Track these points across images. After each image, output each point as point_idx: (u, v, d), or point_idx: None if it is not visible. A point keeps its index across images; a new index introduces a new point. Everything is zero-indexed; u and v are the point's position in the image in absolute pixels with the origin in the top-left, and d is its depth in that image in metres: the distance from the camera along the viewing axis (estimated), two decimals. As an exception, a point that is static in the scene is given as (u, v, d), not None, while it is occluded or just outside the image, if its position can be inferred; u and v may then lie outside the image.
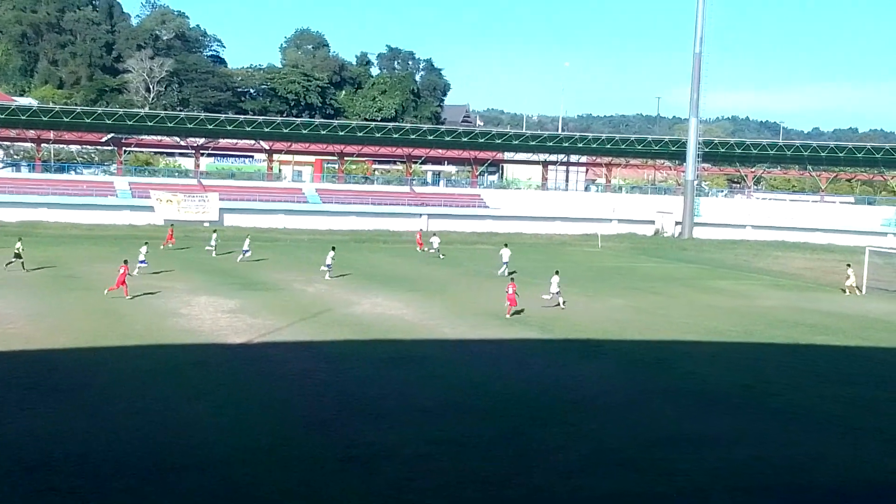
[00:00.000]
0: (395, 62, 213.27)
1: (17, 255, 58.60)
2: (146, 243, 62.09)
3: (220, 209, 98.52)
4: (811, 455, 25.88)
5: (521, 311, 47.97)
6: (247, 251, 66.76)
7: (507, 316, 46.90)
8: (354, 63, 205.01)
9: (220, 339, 39.16)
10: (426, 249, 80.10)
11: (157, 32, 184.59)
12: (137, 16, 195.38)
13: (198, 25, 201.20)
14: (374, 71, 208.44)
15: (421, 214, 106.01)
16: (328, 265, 60.76)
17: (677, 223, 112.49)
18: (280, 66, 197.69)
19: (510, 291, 47.86)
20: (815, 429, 28.56)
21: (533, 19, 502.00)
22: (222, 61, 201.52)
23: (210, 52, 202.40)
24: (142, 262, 57.57)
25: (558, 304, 50.45)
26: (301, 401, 29.56)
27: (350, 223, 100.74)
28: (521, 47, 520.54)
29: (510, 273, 52.45)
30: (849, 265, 64.59)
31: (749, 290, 63.58)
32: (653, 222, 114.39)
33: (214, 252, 70.15)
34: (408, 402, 29.80)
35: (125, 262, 50.72)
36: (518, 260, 73.26)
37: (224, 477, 22.56)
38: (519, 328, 44.27)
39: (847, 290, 62.46)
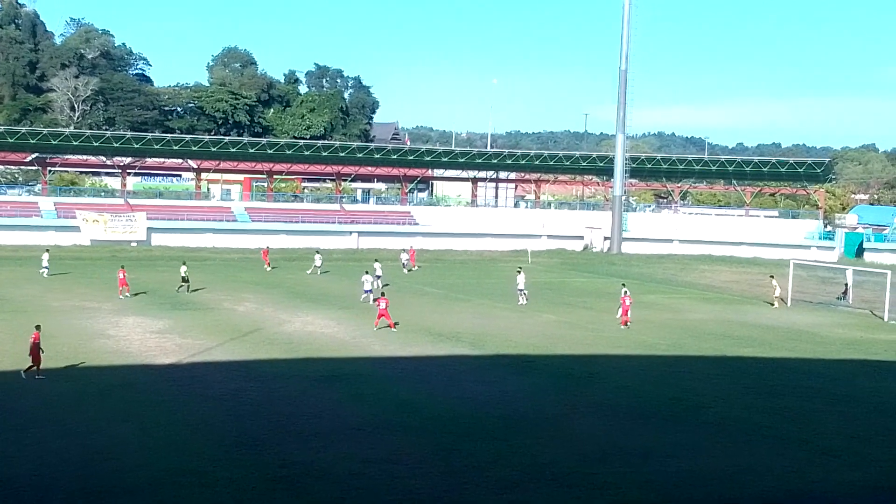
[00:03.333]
0: (324, 80, 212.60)
1: (185, 280, 60.44)
2: (367, 272, 61.89)
3: (148, 229, 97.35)
4: (741, 466, 26.20)
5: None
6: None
7: (622, 326, 50.74)
8: (282, 81, 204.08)
9: (149, 359, 38.73)
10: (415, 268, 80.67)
11: (82, 51, 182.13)
12: (61, 34, 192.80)
13: (123, 44, 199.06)
14: (303, 89, 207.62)
15: (351, 232, 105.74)
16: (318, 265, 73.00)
17: (606, 238, 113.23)
18: (207, 84, 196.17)
19: (627, 303, 51.87)
20: (744, 440, 28.92)
21: (460, 36, 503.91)
22: (148, 80, 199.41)
23: (136, 71, 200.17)
24: (367, 290, 58.55)
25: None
26: (231, 421, 29.31)
27: (280, 241, 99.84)
28: (450, 64, 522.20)
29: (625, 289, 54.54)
30: (772, 276, 65.54)
31: (677, 303, 64.26)
32: (582, 238, 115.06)
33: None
34: (339, 421, 29.69)
35: (382, 294, 50.44)
36: (448, 277, 73.47)
37: (153, 500, 22.30)
38: (450, 344, 44.32)
39: (775, 303, 63.21)
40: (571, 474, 24.99)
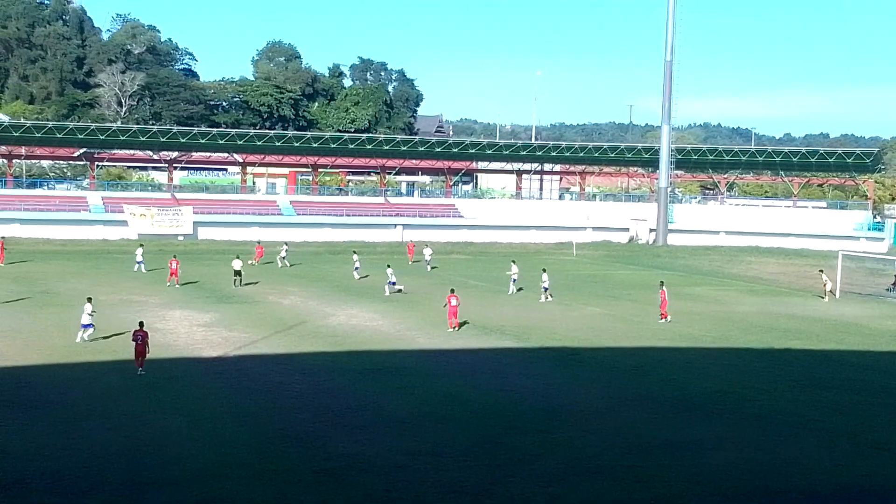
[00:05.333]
0: (368, 73, 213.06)
1: (238, 273, 61.05)
2: (389, 265, 61.63)
3: (195, 222, 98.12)
4: (787, 459, 25.97)
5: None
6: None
7: (664, 320, 49.87)
8: (327, 75, 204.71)
9: (195, 352, 39.02)
10: (418, 261, 79.47)
11: (129, 46, 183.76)
12: (108, 30, 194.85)
13: (169, 39, 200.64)
14: (347, 82, 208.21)
15: (396, 225, 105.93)
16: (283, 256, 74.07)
17: (651, 230, 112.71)
18: (252, 78, 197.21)
19: (664, 298, 50.82)
20: (790, 433, 28.67)
21: (504, 29, 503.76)
22: (194, 74, 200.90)
23: (182, 66, 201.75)
24: (392, 282, 59.14)
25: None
26: (277, 414, 29.46)
27: (325, 234, 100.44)
28: (494, 57, 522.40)
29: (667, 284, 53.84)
30: (821, 270, 64.77)
31: (724, 295, 63.81)
32: (627, 230, 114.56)
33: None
34: (384, 414, 29.76)
35: (452, 290, 48.04)
36: (493, 270, 73.27)
37: (199, 492, 22.45)
38: (495, 337, 44.30)
39: (826, 297, 62.34)
40: (616, 467, 24.89)
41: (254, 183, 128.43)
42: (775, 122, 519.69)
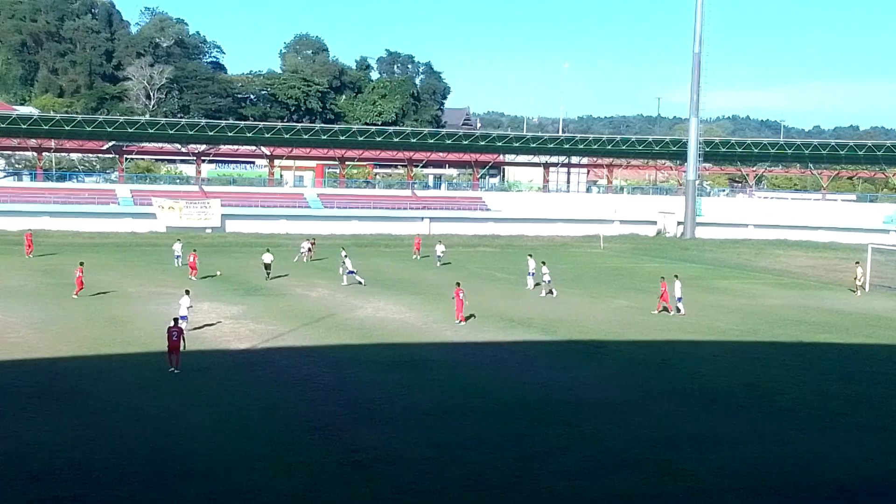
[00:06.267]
0: (395, 66, 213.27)
1: (268, 267, 61.09)
2: (343, 249, 61.89)
3: (223, 215, 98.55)
4: (816, 453, 25.83)
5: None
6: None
7: (657, 312, 49.97)
8: (354, 67, 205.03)
9: (223, 345, 39.15)
10: (419, 257, 79.09)
11: (157, 40, 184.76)
12: (136, 23, 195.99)
13: (197, 32, 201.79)
14: (374, 75, 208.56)
15: (423, 218, 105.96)
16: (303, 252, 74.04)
17: (679, 223, 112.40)
18: (280, 71, 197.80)
19: (664, 290, 50.36)
20: (819, 427, 28.50)
21: (532, 21, 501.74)
22: (222, 67, 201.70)
23: (210, 59, 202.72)
24: (351, 272, 59.56)
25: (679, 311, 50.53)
26: (304, 406, 29.53)
27: (352, 227, 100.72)
28: (521, 49, 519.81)
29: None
30: (857, 262, 64.21)
31: (752, 289, 63.49)
32: (655, 223, 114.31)
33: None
34: (411, 406, 29.77)
35: (458, 284, 47.87)
36: (520, 262, 73.19)
37: (227, 483, 22.54)
38: (521, 330, 44.25)
39: (858, 291, 61.85)
40: (643, 461, 24.81)
41: (281, 176, 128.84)
42: (805, 114, 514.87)
